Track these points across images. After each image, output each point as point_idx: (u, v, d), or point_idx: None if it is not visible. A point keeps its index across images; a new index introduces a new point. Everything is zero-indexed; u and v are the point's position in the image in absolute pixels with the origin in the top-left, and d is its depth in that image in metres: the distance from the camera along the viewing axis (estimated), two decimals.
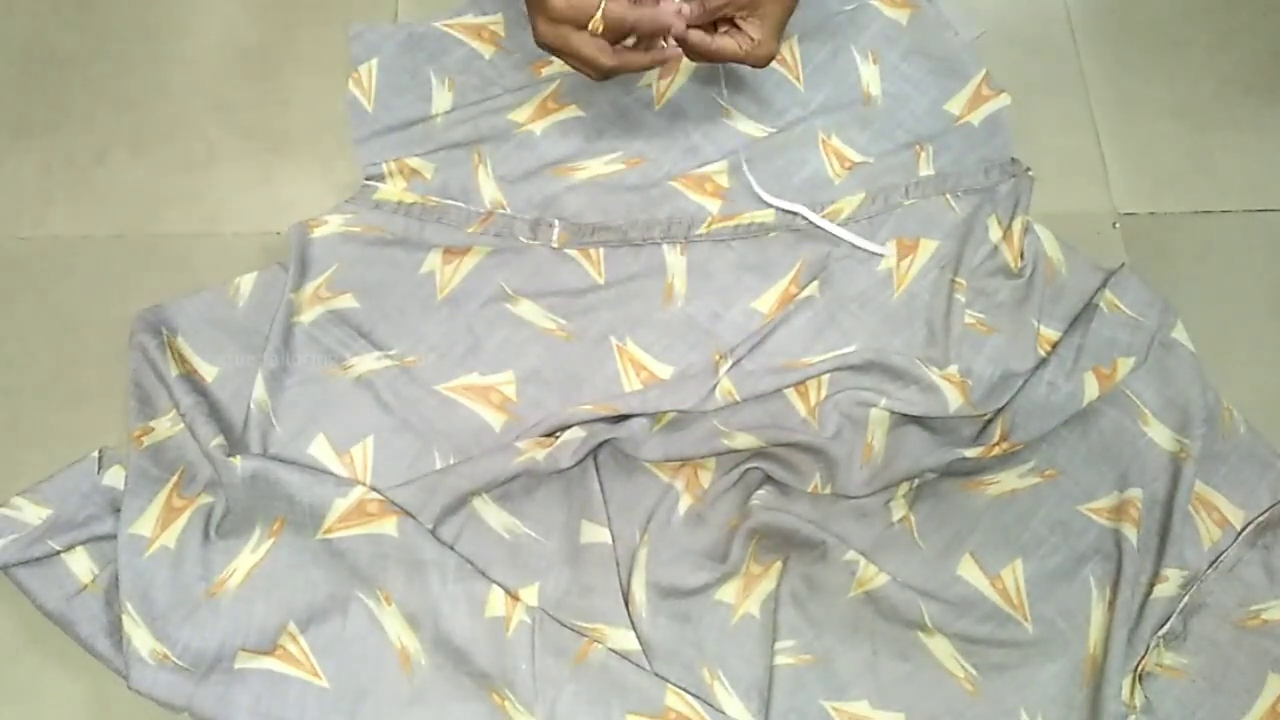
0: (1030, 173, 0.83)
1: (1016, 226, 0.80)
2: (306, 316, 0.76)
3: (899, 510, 0.73)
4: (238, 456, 0.69)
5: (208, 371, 0.75)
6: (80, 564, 0.69)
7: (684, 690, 0.66)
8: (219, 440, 0.70)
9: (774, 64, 0.83)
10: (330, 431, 0.73)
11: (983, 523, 0.73)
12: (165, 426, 0.73)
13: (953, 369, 0.74)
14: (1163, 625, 0.70)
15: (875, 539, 0.72)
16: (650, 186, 0.82)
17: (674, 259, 0.79)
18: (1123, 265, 0.80)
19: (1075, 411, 0.74)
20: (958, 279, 0.78)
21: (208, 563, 0.69)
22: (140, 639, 0.66)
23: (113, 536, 0.69)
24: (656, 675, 0.67)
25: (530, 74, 0.85)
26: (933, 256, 0.80)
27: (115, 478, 0.71)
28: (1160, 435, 0.75)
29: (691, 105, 0.84)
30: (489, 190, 0.81)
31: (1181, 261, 0.84)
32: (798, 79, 0.85)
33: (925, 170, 0.83)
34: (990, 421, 0.74)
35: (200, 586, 0.68)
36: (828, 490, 0.72)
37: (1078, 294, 0.79)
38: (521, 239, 0.80)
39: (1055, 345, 0.77)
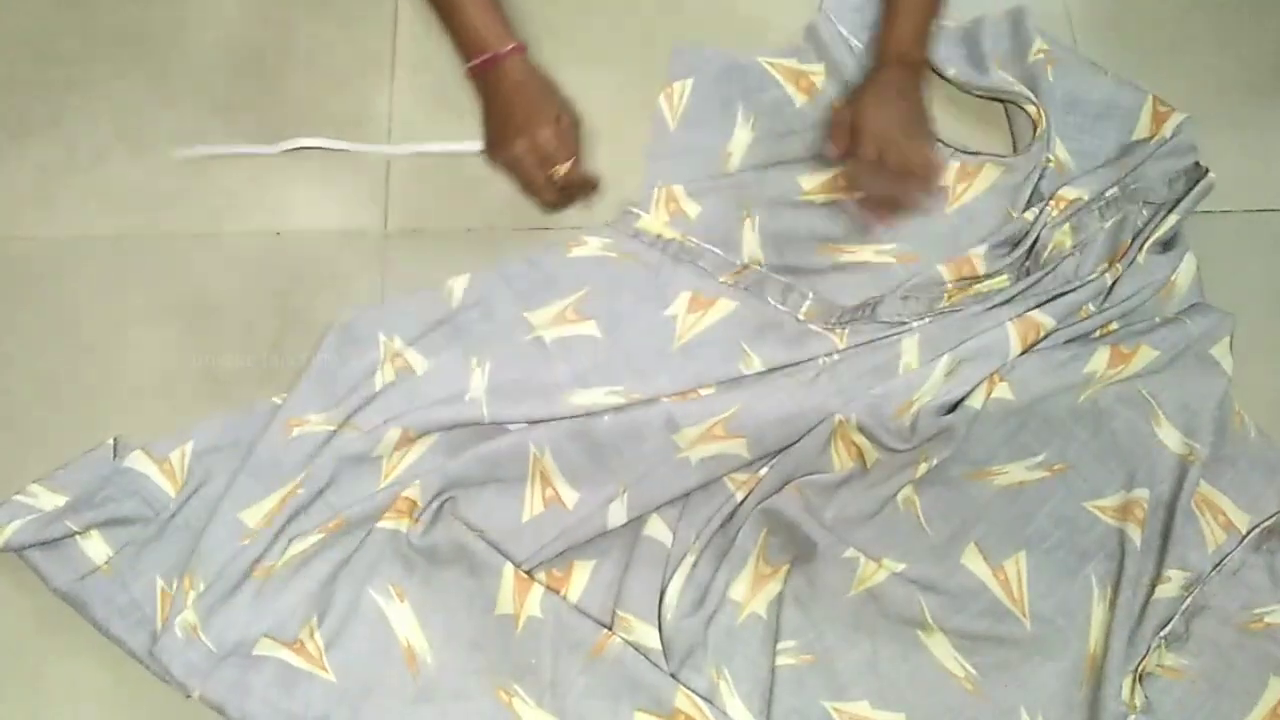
0: (1210, 174, 0.82)
1: (1162, 225, 0.81)
2: (549, 334, 0.76)
3: (906, 495, 0.74)
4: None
5: (419, 364, 0.75)
6: (96, 548, 0.69)
7: (694, 693, 0.67)
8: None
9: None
10: (533, 431, 0.73)
11: (989, 513, 0.73)
12: (318, 422, 0.73)
13: (1051, 323, 0.76)
14: (1164, 626, 0.70)
15: (882, 523, 0.73)
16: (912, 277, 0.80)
17: (909, 341, 0.77)
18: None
19: (1074, 377, 0.74)
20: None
21: (269, 550, 0.69)
22: (186, 610, 0.66)
23: (130, 520, 0.69)
24: (671, 676, 0.67)
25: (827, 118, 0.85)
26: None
27: (137, 461, 0.71)
28: (1171, 439, 0.75)
29: (984, 211, 0.83)
30: (750, 245, 0.81)
31: None
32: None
33: (1112, 191, 0.82)
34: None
35: (252, 569, 0.68)
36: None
37: (1159, 318, 0.80)
38: (771, 300, 0.79)
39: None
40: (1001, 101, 0.88)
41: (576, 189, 0.80)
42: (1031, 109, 0.86)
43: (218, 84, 0.87)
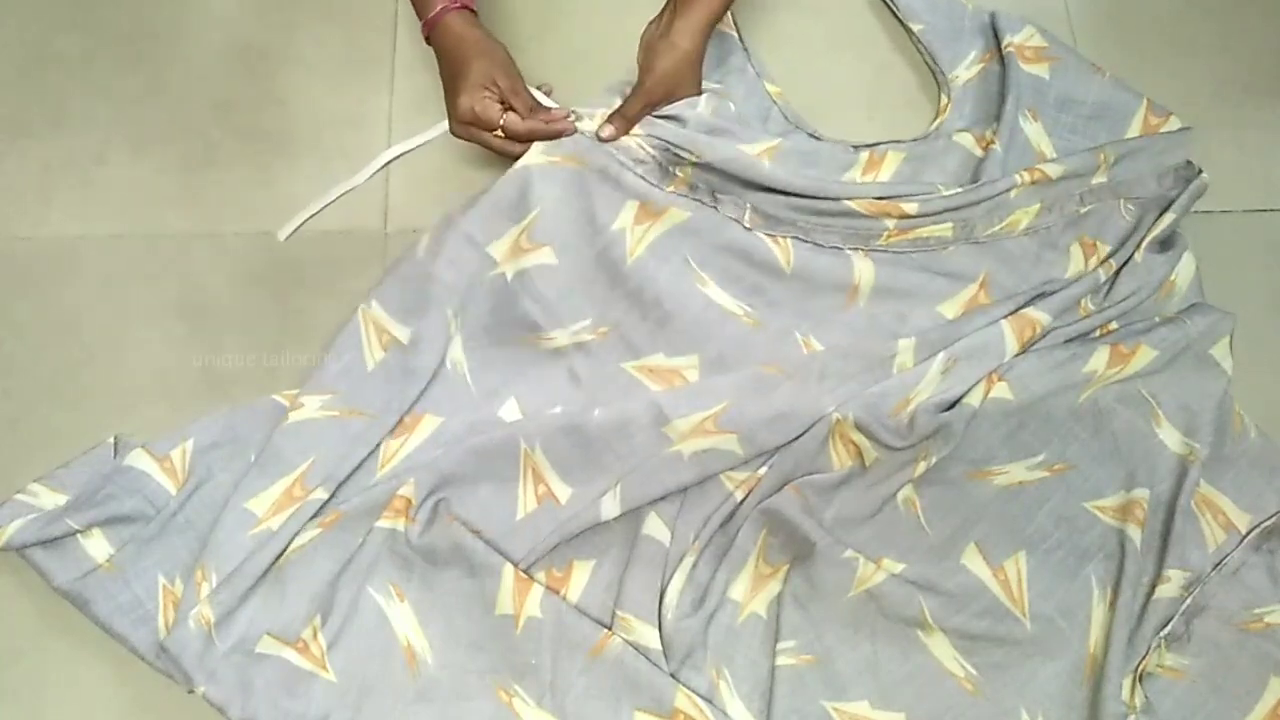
0: (1203, 174, 0.82)
1: (1158, 225, 0.80)
2: (509, 269, 0.76)
3: (905, 495, 0.74)
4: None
5: (402, 334, 0.75)
6: (97, 546, 0.69)
7: (694, 693, 0.67)
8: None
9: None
10: (522, 398, 0.75)
11: (989, 512, 0.73)
12: (314, 407, 0.73)
13: (1047, 320, 0.76)
14: (1165, 626, 0.70)
15: (882, 523, 0.73)
16: (828, 199, 0.79)
17: (860, 262, 0.79)
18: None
19: (1074, 376, 0.74)
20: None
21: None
22: (201, 603, 0.66)
23: (131, 518, 0.69)
24: (670, 676, 0.67)
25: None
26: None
27: (138, 460, 0.71)
28: (1171, 439, 0.75)
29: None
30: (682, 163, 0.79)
31: None
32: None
33: (1099, 179, 0.82)
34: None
35: (271, 567, 0.68)
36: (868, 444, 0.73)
37: (1159, 318, 0.79)
38: (720, 210, 0.79)
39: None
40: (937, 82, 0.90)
41: (540, 126, 0.78)
42: (942, 99, 0.88)
43: (218, 84, 0.87)
